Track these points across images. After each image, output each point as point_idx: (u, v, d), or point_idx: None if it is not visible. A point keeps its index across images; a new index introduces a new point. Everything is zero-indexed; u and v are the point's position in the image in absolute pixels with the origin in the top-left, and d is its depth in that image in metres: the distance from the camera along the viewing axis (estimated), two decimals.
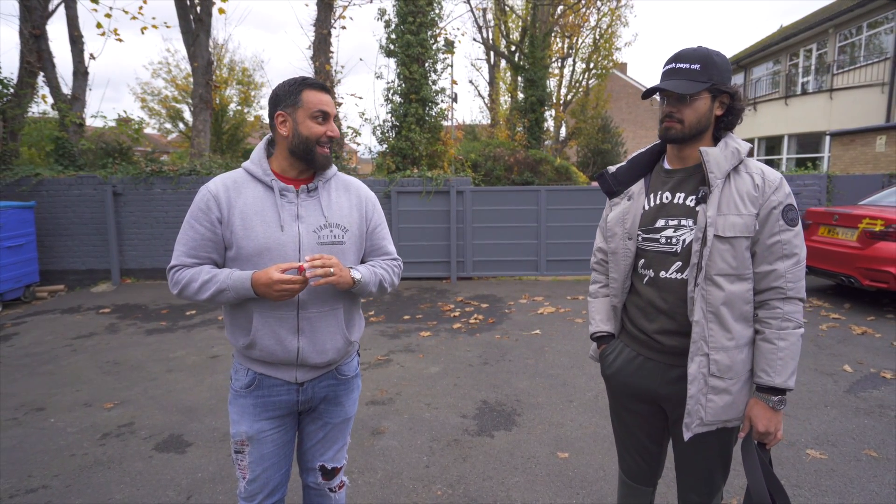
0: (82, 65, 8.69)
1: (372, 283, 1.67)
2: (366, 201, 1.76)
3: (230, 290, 1.54)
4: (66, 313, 6.36)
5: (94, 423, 3.43)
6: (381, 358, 4.63)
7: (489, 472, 2.82)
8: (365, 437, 3.22)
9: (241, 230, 1.57)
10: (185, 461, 2.95)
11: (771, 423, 1.44)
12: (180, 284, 1.59)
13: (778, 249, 1.43)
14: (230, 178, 1.64)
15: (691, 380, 1.46)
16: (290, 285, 1.48)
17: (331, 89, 1.60)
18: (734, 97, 1.49)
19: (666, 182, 1.58)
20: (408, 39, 8.50)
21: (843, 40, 16.07)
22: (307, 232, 1.61)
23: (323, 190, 1.68)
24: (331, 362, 1.70)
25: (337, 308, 1.67)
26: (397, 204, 7.96)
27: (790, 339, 1.42)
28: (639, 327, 1.61)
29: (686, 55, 1.48)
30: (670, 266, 1.51)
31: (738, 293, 1.44)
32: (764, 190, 1.43)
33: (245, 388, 1.67)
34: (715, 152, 1.47)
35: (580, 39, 21.42)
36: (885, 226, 5.54)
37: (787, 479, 2.69)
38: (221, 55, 20.82)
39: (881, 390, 3.76)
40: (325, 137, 1.61)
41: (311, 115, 1.59)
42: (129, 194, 7.88)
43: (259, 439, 1.67)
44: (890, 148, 11.69)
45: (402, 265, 1.85)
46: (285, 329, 1.60)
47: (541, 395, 3.79)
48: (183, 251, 1.61)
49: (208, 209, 1.59)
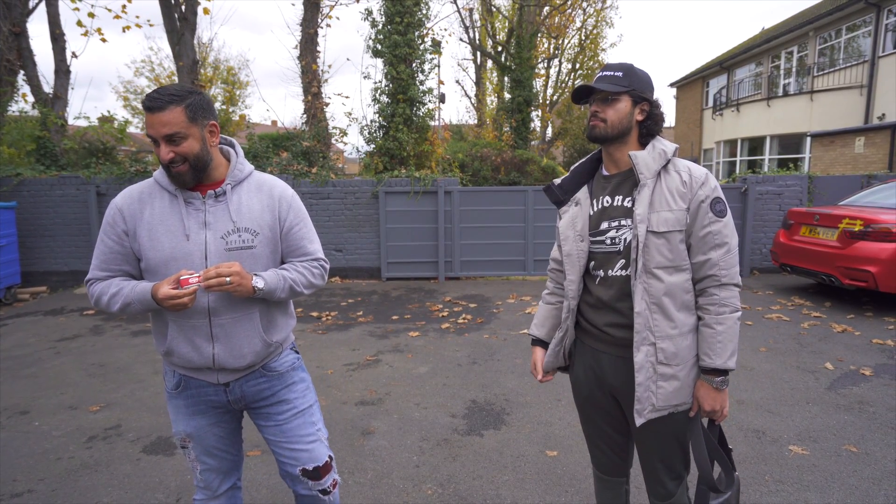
0: (64, 63, 8.56)
1: (279, 288, 1.63)
2: (279, 201, 1.69)
3: (135, 303, 1.56)
4: (48, 315, 6.27)
5: (79, 425, 3.40)
6: (370, 358, 4.64)
7: (479, 471, 2.85)
8: (355, 437, 3.22)
9: (147, 241, 1.57)
10: (174, 463, 2.94)
11: (716, 402, 1.55)
12: (94, 297, 1.63)
13: (710, 240, 1.53)
14: (137, 190, 1.63)
15: (638, 368, 1.55)
16: (177, 299, 1.47)
17: (171, 101, 1.47)
18: (654, 105, 1.63)
19: (605, 187, 1.69)
20: (395, 40, 8.50)
21: (822, 43, 16.38)
22: (214, 239, 1.59)
23: (233, 193, 1.64)
24: (251, 365, 1.68)
25: (252, 312, 1.64)
26: (385, 204, 7.95)
27: (727, 323, 1.52)
28: (590, 322, 1.71)
29: (611, 65, 1.65)
30: (615, 264, 1.62)
31: (677, 284, 1.54)
32: (691, 185, 1.54)
33: (174, 389, 1.70)
34: (643, 154, 1.58)
35: (566, 40, 21.58)
36: (864, 226, 5.66)
37: (771, 475, 2.75)
38: (206, 54, 20.63)
39: (861, 387, 3.85)
40: (166, 161, 1.52)
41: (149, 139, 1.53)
42: (113, 194, 7.75)
43: (199, 435, 1.71)
44: (868, 149, 11.95)
45: (325, 264, 1.80)
46: (200, 336, 1.60)
47: (529, 394, 3.82)
48: (96, 264, 1.63)
49: (114, 223, 1.60)
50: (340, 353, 4.77)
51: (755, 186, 8.15)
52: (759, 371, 4.19)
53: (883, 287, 5.48)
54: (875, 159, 11.69)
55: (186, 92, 1.53)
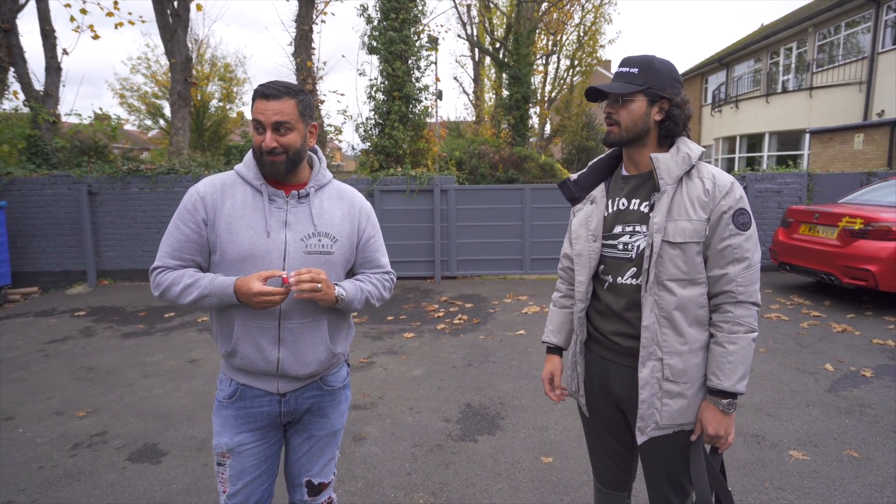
0: (55, 60, 8.45)
1: (357, 300, 1.62)
2: (360, 212, 1.70)
3: (213, 296, 1.50)
4: (39, 316, 6.19)
5: (64, 432, 3.32)
6: (364, 360, 4.57)
7: (472, 479, 2.78)
8: (346, 443, 3.15)
9: (226, 234, 1.54)
10: (160, 472, 2.86)
11: (721, 426, 1.45)
12: (162, 287, 1.55)
13: (729, 254, 1.43)
14: (220, 180, 1.60)
15: (643, 384, 1.48)
16: (270, 297, 1.43)
17: (287, 93, 1.50)
18: (674, 104, 1.48)
19: (623, 188, 1.59)
20: (390, 36, 8.40)
21: (822, 39, 16.29)
22: (294, 240, 1.56)
23: (315, 197, 1.62)
24: (313, 374, 1.64)
25: (321, 319, 1.61)
26: (381, 203, 7.87)
27: (740, 343, 1.43)
28: (598, 329, 1.63)
29: (629, 60, 1.51)
30: (626, 271, 1.53)
31: (690, 297, 1.45)
32: (714, 195, 1.44)
33: (228, 398, 1.63)
34: (665, 158, 1.47)
35: (564, 36, 21.47)
36: (864, 224, 5.60)
37: (771, 482, 2.69)
38: (203, 51, 20.46)
39: (861, 388, 3.79)
40: (259, 148, 1.52)
41: (252, 125, 1.53)
42: (106, 193, 7.69)
43: (239, 452, 1.62)
44: (867, 146, 11.88)
45: (395, 278, 1.80)
46: (266, 339, 1.56)
47: (525, 398, 3.75)
48: (167, 252, 1.57)
49: (195, 210, 1.55)
50: None
51: (754, 184, 8.09)
52: (758, 372, 4.12)
53: (883, 286, 5.42)
54: (874, 156, 11.62)
55: (300, 89, 1.55)
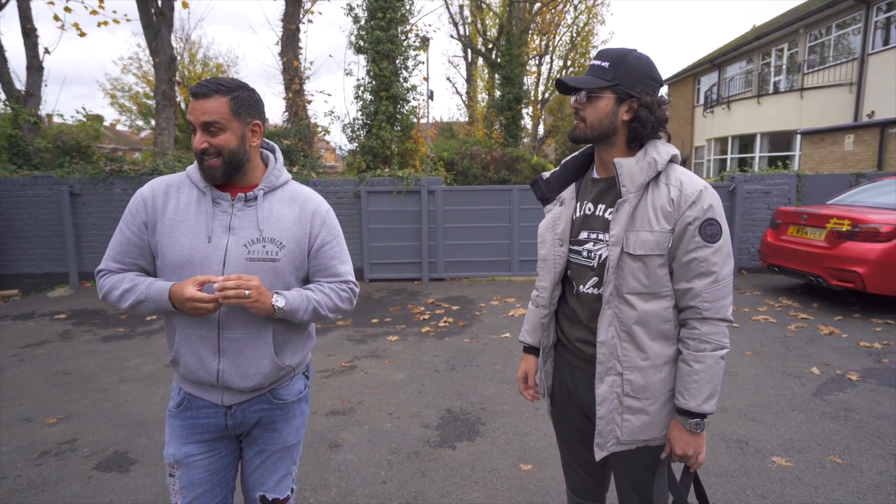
0: (36, 59, 8.33)
1: (302, 310, 1.49)
2: (312, 216, 1.57)
3: (149, 301, 1.44)
4: (17, 320, 6.07)
5: (32, 440, 3.23)
6: (346, 364, 4.49)
7: (448, 488, 2.71)
8: (322, 450, 3.08)
9: (166, 238, 1.47)
10: (127, 481, 2.78)
11: (689, 446, 1.38)
12: (104, 290, 1.51)
13: (694, 267, 1.34)
14: (167, 182, 1.54)
15: (601, 400, 1.42)
16: (201, 304, 1.36)
17: (218, 91, 1.40)
18: (642, 104, 1.35)
19: (591, 191, 1.51)
20: (377, 35, 8.33)
21: (813, 40, 16.34)
22: (237, 245, 1.47)
23: (264, 200, 1.52)
24: (258, 387, 1.55)
25: (264, 331, 1.51)
26: (367, 204, 7.79)
27: (706, 362, 1.34)
28: (566, 335, 1.57)
29: (603, 52, 1.41)
30: (588, 280, 1.47)
31: (653, 312, 1.38)
32: (679, 204, 1.33)
33: (176, 407, 1.57)
34: (629, 164, 1.36)
35: (557, 37, 21.46)
36: (852, 226, 5.57)
37: (753, 489, 2.63)
38: (195, 52, 20.32)
39: (847, 392, 3.74)
40: (198, 150, 1.43)
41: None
42: (88, 195, 7.57)
43: (187, 464, 1.54)
44: (858, 146, 11.90)
45: (355, 288, 1.66)
46: (206, 349, 1.49)
47: (507, 403, 3.69)
48: (110, 255, 1.53)
49: (136, 213, 1.50)
50: (316, 359, 4.62)
51: (743, 185, 8.06)
52: (743, 376, 4.07)
53: (871, 288, 5.39)
54: (865, 157, 11.63)
55: (236, 85, 1.45)
